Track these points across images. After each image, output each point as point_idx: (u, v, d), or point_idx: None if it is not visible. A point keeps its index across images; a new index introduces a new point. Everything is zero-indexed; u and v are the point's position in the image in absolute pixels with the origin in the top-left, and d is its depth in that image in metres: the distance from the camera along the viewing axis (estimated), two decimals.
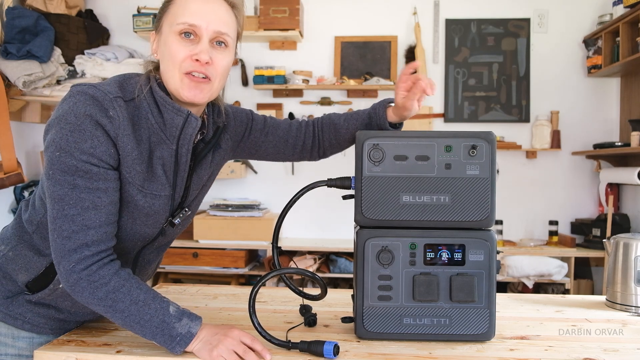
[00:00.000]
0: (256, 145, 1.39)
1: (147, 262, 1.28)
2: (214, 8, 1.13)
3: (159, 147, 1.14)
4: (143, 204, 1.14)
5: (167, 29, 1.13)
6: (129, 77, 1.16)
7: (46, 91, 3.13)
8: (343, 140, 1.40)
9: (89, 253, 1.04)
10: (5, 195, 3.29)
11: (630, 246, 1.48)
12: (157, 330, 1.06)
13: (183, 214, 1.22)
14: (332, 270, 3.44)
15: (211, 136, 1.25)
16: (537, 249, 3.48)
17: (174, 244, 3.47)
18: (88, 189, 1.05)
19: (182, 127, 1.14)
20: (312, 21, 3.85)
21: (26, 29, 3.06)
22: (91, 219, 1.05)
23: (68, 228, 1.04)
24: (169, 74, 1.13)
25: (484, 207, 1.18)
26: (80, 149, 1.03)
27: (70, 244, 1.04)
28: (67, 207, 1.04)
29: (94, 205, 1.05)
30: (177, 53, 1.11)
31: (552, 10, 3.74)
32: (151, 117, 1.13)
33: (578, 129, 3.72)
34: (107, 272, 1.06)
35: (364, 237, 1.18)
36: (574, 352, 1.12)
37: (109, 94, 1.08)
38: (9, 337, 1.21)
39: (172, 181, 1.17)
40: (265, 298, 1.56)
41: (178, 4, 1.13)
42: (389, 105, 1.35)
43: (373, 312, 1.18)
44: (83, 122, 1.04)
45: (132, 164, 1.10)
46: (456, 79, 3.78)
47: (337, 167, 3.75)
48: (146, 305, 1.06)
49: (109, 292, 1.05)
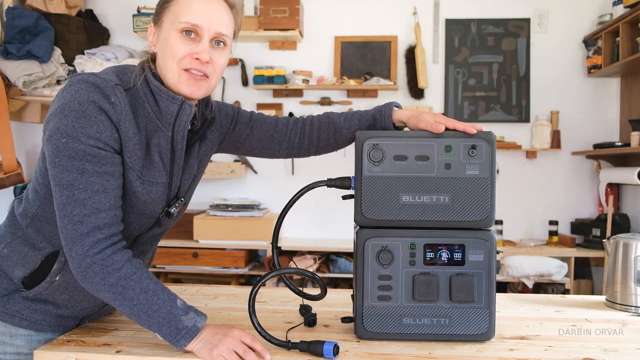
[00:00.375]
0: (241, 138, 1.41)
1: (141, 252, 1.29)
2: (215, 9, 1.16)
3: (155, 135, 1.17)
4: (141, 191, 1.15)
5: (168, 25, 1.15)
6: (124, 67, 1.19)
7: (46, 91, 3.13)
8: (343, 140, 1.40)
9: (101, 236, 1.06)
10: (5, 195, 3.29)
11: (630, 246, 1.48)
12: (164, 321, 1.06)
13: (179, 203, 1.24)
14: (332, 270, 3.44)
15: (199, 127, 1.28)
16: (537, 249, 3.48)
17: (174, 244, 3.47)
18: (97, 172, 1.07)
19: (177, 114, 1.17)
20: (312, 21, 3.85)
21: (26, 29, 3.06)
22: (102, 202, 1.07)
23: (80, 212, 1.05)
24: (167, 68, 1.16)
25: (483, 207, 1.18)
26: (87, 134, 1.06)
27: (82, 228, 1.05)
28: (77, 192, 1.05)
29: (103, 188, 1.07)
30: (178, 50, 1.14)
31: (552, 10, 3.74)
32: (147, 106, 1.16)
33: (578, 129, 3.72)
34: (121, 258, 1.07)
35: (363, 237, 1.18)
36: (573, 352, 1.12)
37: (109, 81, 1.10)
38: (7, 335, 1.21)
39: (168, 169, 1.19)
40: (265, 298, 1.56)
41: (180, 2, 1.15)
42: (394, 108, 1.34)
43: (373, 312, 1.18)
44: (87, 108, 1.06)
45: (133, 148, 1.12)
46: (456, 79, 3.78)
47: (337, 167, 3.76)
48: (155, 295, 1.07)
49: (120, 279, 1.06)
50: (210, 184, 3.88)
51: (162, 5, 1.18)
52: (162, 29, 1.17)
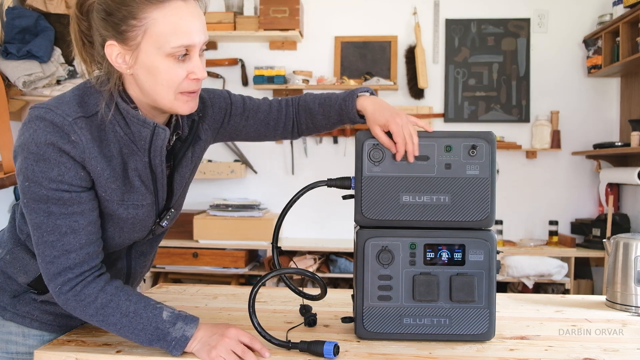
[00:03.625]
0: (237, 130, 1.34)
1: (141, 254, 1.28)
2: (196, 16, 1.05)
3: (132, 159, 1.10)
4: (127, 216, 1.13)
5: (152, 50, 1.03)
6: (88, 90, 1.09)
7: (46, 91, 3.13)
8: (320, 126, 1.36)
9: (72, 275, 1.05)
10: (5, 195, 3.29)
11: (630, 246, 1.48)
12: (152, 337, 1.07)
13: (170, 215, 1.22)
14: (332, 270, 3.44)
15: (187, 133, 1.21)
16: (537, 249, 3.48)
17: (173, 244, 3.47)
18: (63, 214, 1.04)
19: (151, 140, 1.10)
20: (312, 21, 3.85)
21: (26, 29, 3.05)
22: (71, 243, 1.05)
23: (50, 254, 1.05)
24: (161, 94, 1.06)
25: (484, 207, 1.18)
26: (48, 177, 1.01)
27: (53, 268, 1.05)
28: (45, 234, 1.04)
29: (71, 229, 1.05)
30: (176, 77, 1.05)
31: (552, 10, 3.74)
32: (119, 129, 1.08)
33: (578, 129, 3.72)
34: (93, 290, 1.06)
35: (364, 237, 1.18)
36: (574, 352, 1.12)
37: (67, 117, 1.02)
38: (19, 335, 1.21)
39: (152, 189, 1.15)
40: (265, 298, 1.56)
41: (159, 21, 1.02)
42: (359, 95, 1.27)
43: (373, 312, 1.18)
44: (46, 151, 1.01)
45: (105, 183, 1.07)
46: (456, 79, 3.78)
47: (337, 167, 3.76)
48: (137, 315, 1.07)
49: (98, 309, 1.06)
50: (210, 184, 3.88)
51: (127, 23, 1.02)
52: (142, 52, 1.03)
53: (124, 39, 1.03)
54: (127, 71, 1.06)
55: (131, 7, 1.01)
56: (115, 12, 1.02)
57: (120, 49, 1.04)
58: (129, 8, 1.01)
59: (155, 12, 1.02)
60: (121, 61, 1.05)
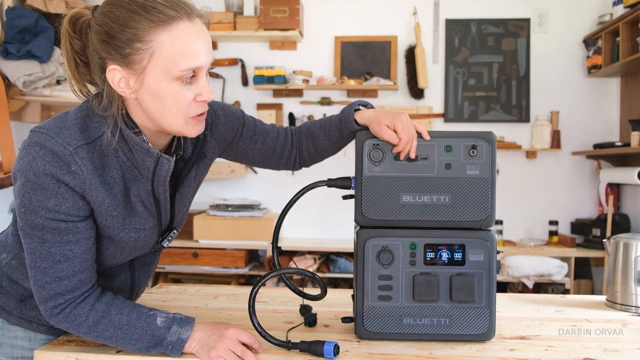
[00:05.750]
0: (244, 152, 1.32)
1: (144, 264, 1.28)
2: (203, 36, 1.02)
3: (134, 184, 1.08)
4: (128, 239, 1.13)
5: (159, 74, 0.99)
6: (90, 112, 1.05)
7: (46, 91, 3.13)
8: (321, 148, 1.34)
9: (62, 300, 1.05)
10: (5, 195, 3.29)
11: (630, 246, 1.48)
12: (149, 344, 1.07)
13: (172, 235, 1.21)
14: (332, 270, 3.44)
15: (190, 152, 1.18)
16: (537, 249, 3.48)
17: (173, 244, 3.47)
18: (58, 242, 1.02)
19: (155, 169, 1.08)
20: (312, 21, 3.85)
21: (26, 29, 3.05)
22: (63, 271, 1.04)
23: (41, 279, 1.04)
24: (169, 120, 1.03)
25: (484, 207, 1.18)
26: (44, 207, 1.00)
27: (44, 292, 1.05)
28: (38, 260, 1.03)
29: (65, 257, 1.04)
30: (185, 100, 1.02)
31: (552, 10, 3.74)
32: (122, 155, 1.06)
33: (578, 129, 3.72)
34: (83, 311, 1.06)
35: (364, 237, 1.18)
36: (574, 352, 1.12)
37: (68, 146, 0.99)
38: (26, 340, 1.21)
39: (154, 212, 1.14)
40: (265, 298, 1.56)
41: (170, 45, 0.98)
42: (357, 109, 1.25)
43: (373, 312, 1.18)
44: (44, 180, 0.98)
45: (106, 212, 1.06)
46: (456, 79, 3.78)
47: (337, 167, 3.76)
48: (131, 327, 1.07)
49: (90, 327, 1.06)
50: (210, 184, 3.88)
51: (131, 46, 0.97)
52: (148, 76, 0.99)
53: (128, 62, 0.99)
54: (131, 96, 1.02)
55: (136, 30, 0.97)
56: (117, 34, 0.98)
57: (124, 72, 1.00)
58: (133, 30, 0.97)
59: (162, 34, 0.97)
60: (124, 85, 1.01)
